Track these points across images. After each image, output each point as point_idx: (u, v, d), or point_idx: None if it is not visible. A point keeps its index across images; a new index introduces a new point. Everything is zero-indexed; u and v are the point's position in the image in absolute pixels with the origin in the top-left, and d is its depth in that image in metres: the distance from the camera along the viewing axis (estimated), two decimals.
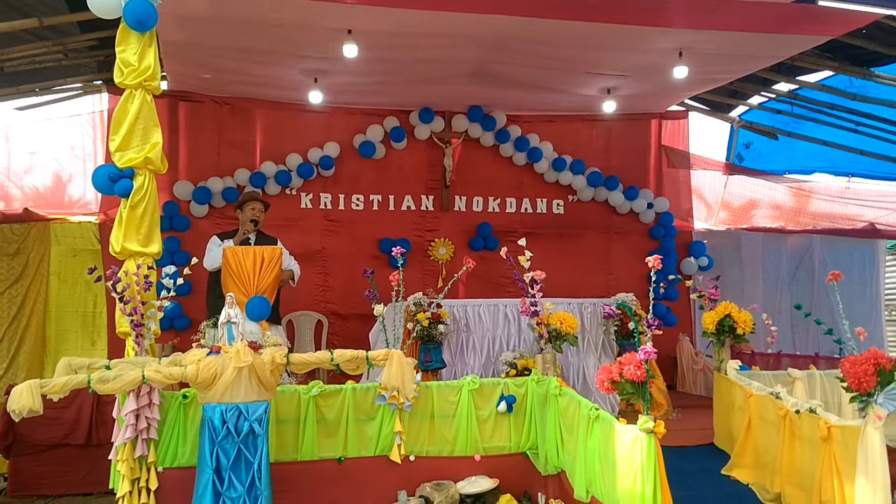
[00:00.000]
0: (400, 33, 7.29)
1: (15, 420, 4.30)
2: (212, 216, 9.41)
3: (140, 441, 4.89)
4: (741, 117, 10.98)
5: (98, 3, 5.20)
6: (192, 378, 4.63)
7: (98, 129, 9.59)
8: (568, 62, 8.34)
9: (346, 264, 9.73)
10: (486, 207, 10.43)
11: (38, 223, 8.92)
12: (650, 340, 4.27)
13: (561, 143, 10.49)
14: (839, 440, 4.55)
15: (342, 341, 9.28)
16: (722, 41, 7.44)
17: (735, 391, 5.84)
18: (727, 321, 5.99)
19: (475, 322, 7.55)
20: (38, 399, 4.25)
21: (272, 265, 5.92)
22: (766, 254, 11.13)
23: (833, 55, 8.59)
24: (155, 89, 5.31)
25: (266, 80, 8.90)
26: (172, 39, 7.19)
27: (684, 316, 10.29)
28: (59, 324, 8.90)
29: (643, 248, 10.42)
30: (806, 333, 10.79)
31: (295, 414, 5.36)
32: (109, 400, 6.74)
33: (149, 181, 5.28)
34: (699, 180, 11.33)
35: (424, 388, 5.56)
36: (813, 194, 11.60)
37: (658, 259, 4.52)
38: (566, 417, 5.16)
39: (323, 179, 9.92)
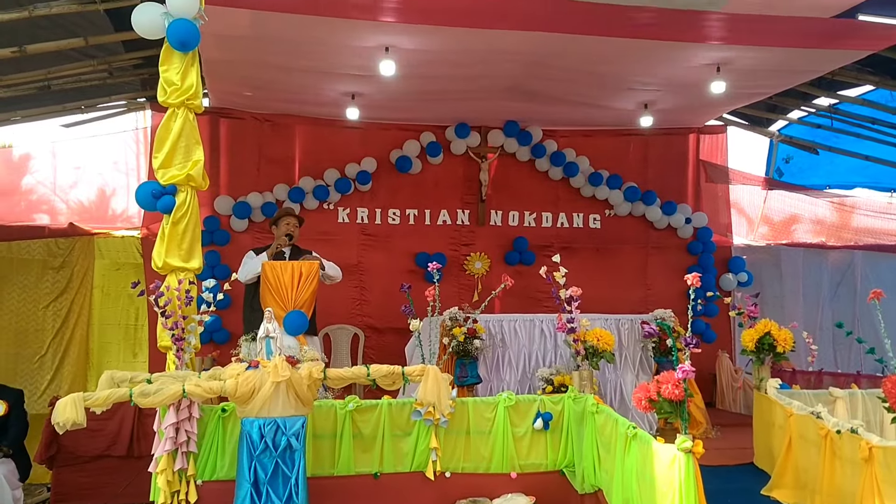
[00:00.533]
0: (437, 50, 7.35)
1: (59, 432, 4.37)
2: (251, 230, 9.54)
3: (180, 454, 4.95)
4: (780, 132, 10.86)
5: (142, 24, 5.31)
6: (231, 392, 4.68)
7: (141, 144, 9.79)
8: (605, 77, 8.33)
9: (383, 278, 9.80)
10: (522, 222, 10.43)
11: (83, 237, 9.10)
12: (688, 359, 4.23)
13: (597, 157, 10.46)
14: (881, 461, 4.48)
15: (378, 355, 9.32)
16: (761, 56, 7.38)
17: (775, 410, 5.77)
18: (767, 339, 5.93)
19: (511, 337, 7.55)
20: (81, 412, 4.33)
21: (310, 279, 5.97)
22: (806, 270, 10.96)
23: (874, 69, 8.48)
24: (197, 108, 5.41)
25: (305, 97, 9.02)
26: (214, 58, 7.32)
27: (724, 332, 10.18)
28: (102, 336, 9.07)
29: (681, 264, 10.42)
30: (848, 351, 10.59)
31: (331, 429, 5.38)
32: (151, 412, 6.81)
33: (191, 198, 5.37)
34: (738, 195, 11.22)
35: (460, 404, 5.55)
36: (855, 209, 11.44)
37: (697, 277, 4.48)
38: (603, 435, 5.13)
39: (360, 194, 10.01)
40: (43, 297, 8.90)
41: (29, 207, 9.49)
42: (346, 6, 6.39)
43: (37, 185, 9.57)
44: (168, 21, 5.19)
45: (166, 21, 5.20)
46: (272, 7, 6.33)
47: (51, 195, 9.56)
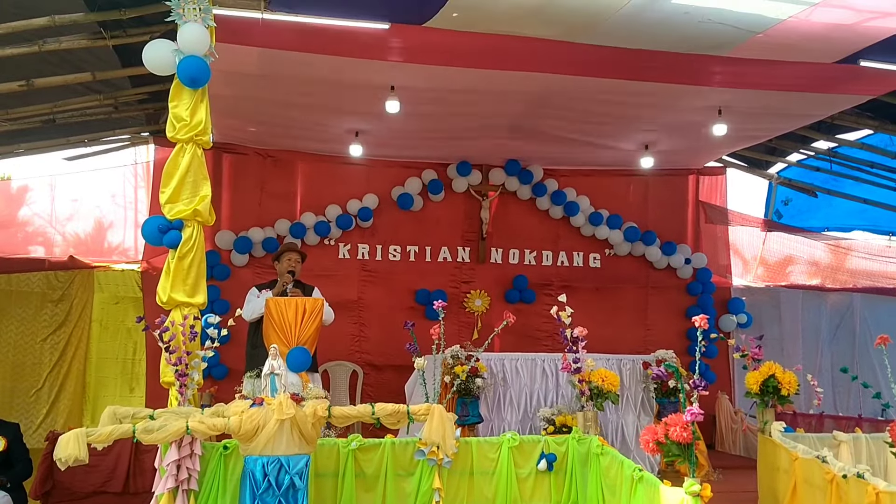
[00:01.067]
0: (442, 89, 7.43)
1: (61, 469, 4.31)
2: (252, 266, 9.54)
3: (180, 492, 4.88)
4: (779, 174, 10.96)
5: (153, 60, 5.34)
6: (235, 429, 4.63)
7: (140, 178, 9.81)
8: (607, 118, 8.42)
9: (383, 315, 9.79)
10: (523, 260, 10.45)
11: (83, 270, 9.07)
12: (696, 401, 4.22)
13: (598, 197, 10.52)
14: None
15: (377, 392, 9.28)
16: (762, 100, 7.48)
17: (780, 454, 5.72)
18: (771, 382, 5.89)
19: (512, 376, 7.49)
20: (84, 448, 4.27)
21: (314, 316, 5.94)
22: (805, 312, 10.98)
23: (873, 114, 8.59)
24: (205, 143, 5.42)
25: (309, 134, 9.08)
26: (221, 94, 7.36)
27: (723, 373, 10.18)
28: (99, 370, 9.00)
29: (681, 304, 10.45)
30: (847, 394, 10.58)
31: (334, 468, 5.32)
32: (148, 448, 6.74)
33: (197, 233, 5.36)
34: (737, 236, 11.28)
35: (464, 443, 5.50)
36: (851, 252, 11.50)
37: (704, 318, 4.48)
38: (608, 478, 5.08)
39: (361, 230, 10.03)
40: (41, 330, 8.84)
41: (25, 239, 9.49)
42: (354, 46, 6.46)
43: (33, 217, 9.58)
44: (179, 58, 5.22)
45: (177, 58, 5.23)
46: (281, 45, 6.39)
47: (47, 227, 9.56)
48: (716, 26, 5.75)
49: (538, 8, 5.66)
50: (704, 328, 4.49)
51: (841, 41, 6.07)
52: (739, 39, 6.00)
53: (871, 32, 5.92)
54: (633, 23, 5.77)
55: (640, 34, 6.01)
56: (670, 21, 5.75)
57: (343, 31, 6.14)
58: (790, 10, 5.53)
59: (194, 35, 5.22)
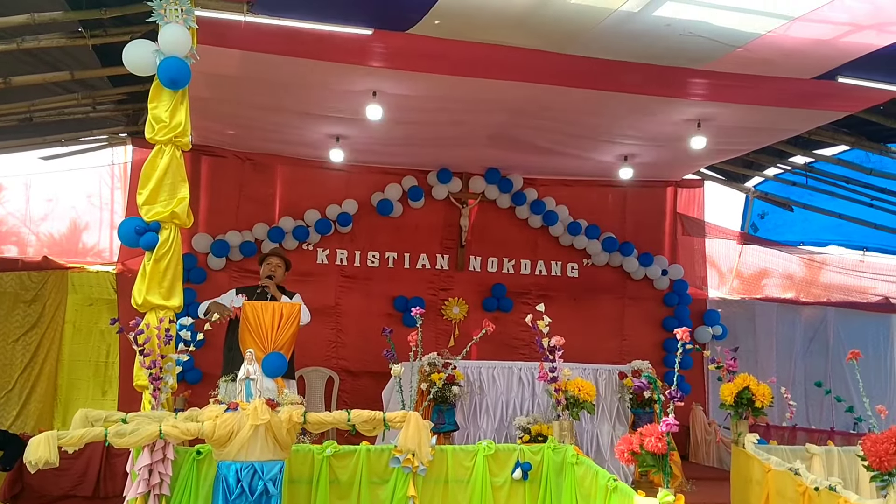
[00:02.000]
0: (424, 96, 7.43)
1: (31, 471, 4.24)
2: (229, 269, 9.47)
3: (152, 496, 4.82)
4: (756, 188, 11.06)
5: (133, 61, 5.30)
6: (209, 434, 4.58)
7: (117, 179, 9.72)
8: (587, 129, 8.46)
9: (360, 321, 9.76)
10: (501, 268, 10.46)
11: (57, 271, 8.97)
12: (672, 412, 4.24)
13: (577, 207, 10.57)
14: None
15: (353, 399, 9.24)
16: (741, 114, 7.55)
17: (753, 465, 5.76)
18: (746, 394, 5.93)
19: (489, 384, 7.49)
20: (55, 451, 4.21)
21: (290, 321, 5.90)
22: (780, 325, 11.09)
23: (850, 130, 8.69)
24: (185, 145, 5.37)
25: (289, 138, 9.04)
26: (201, 96, 7.31)
27: (698, 385, 10.21)
28: (71, 373, 8.87)
29: (657, 315, 10.52)
30: (820, 407, 10.69)
31: (308, 474, 5.27)
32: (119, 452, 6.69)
33: (174, 235, 5.31)
34: (713, 249, 11.38)
35: (439, 451, 5.47)
36: (825, 266, 11.63)
37: (686, 331, 4.50)
38: (583, 487, 5.09)
39: (340, 235, 9.99)
40: (13, 331, 8.73)
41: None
42: (337, 50, 6.45)
43: (7, 216, 9.48)
44: (159, 59, 5.19)
45: (158, 58, 5.19)
46: (263, 48, 6.37)
47: (21, 227, 9.47)
48: (696, 39, 5.80)
49: (521, 18, 5.69)
50: (686, 340, 4.51)
51: (819, 57, 6.14)
52: (719, 53, 6.06)
53: (849, 48, 5.99)
54: (615, 34, 5.81)
55: (621, 46, 6.05)
56: (652, 33, 5.79)
57: (326, 36, 6.13)
58: (769, 25, 5.59)
59: (176, 36, 5.19)
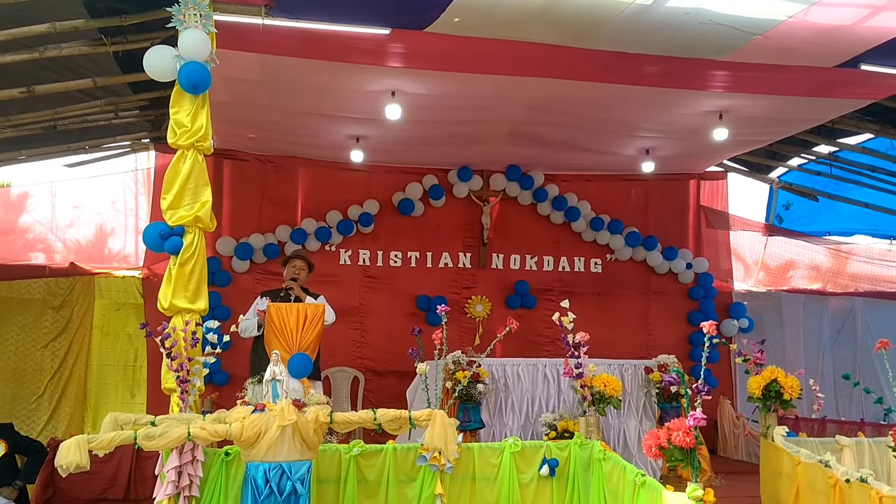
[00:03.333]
0: (443, 95, 7.43)
1: (62, 475, 4.30)
2: (253, 272, 9.53)
3: (182, 498, 4.87)
4: (780, 178, 10.96)
5: (154, 67, 5.35)
6: (237, 436, 4.62)
7: (140, 184, 9.80)
8: (608, 123, 8.42)
9: (384, 321, 9.79)
10: (524, 265, 10.43)
11: (84, 277, 9.07)
12: (700, 406, 4.21)
13: (599, 202, 10.52)
14: None
15: (378, 398, 9.26)
16: (764, 104, 7.48)
17: (782, 458, 5.70)
18: (774, 386, 5.88)
19: (514, 382, 7.49)
20: (85, 455, 4.26)
21: (315, 322, 5.92)
22: (807, 316, 10.97)
23: (874, 118, 8.58)
24: (206, 149, 5.42)
25: (309, 140, 9.08)
26: (222, 100, 7.36)
27: (725, 378, 10.15)
28: (101, 377, 8.97)
29: (682, 309, 10.45)
30: (849, 398, 10.56)
31: (336, 473, 5.30)
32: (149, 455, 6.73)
33: (198, 239, 5.36)
34: (738, 241, 11.26)
35: (466, 449, 5.48)
36: (852, 255, 11.48)
37: (713, 324, 4.47)
38: (611, 483, 5.06)
39: (362, 236, 10.01)
40: (42, 337, 8.82)
41: (25, 246, 9.47)
42: (355, 51, 6.47)
43: (34, 224, 9.56)
44: (180, 64, 5.23)
45: (178, 64, 5.24)
46: (281, 52, 6.40)
47: (48, 234, 9.54)
48: (716, 28, 5.75)
49: (539, 12, 5.67)
50: (713, 334, 4.49)
51: (841, 44, 6.07)
52: (740, 42, 6.00)
53: (870, 35, 5.92)
54: (634, 26, 5.77)
55: (641, 38, 6.02)
56: (671, 23, 5.74)
57: (343, 37, 6.15)
58: (788, 10, 5.51)
59: (195, 41, 5.23)
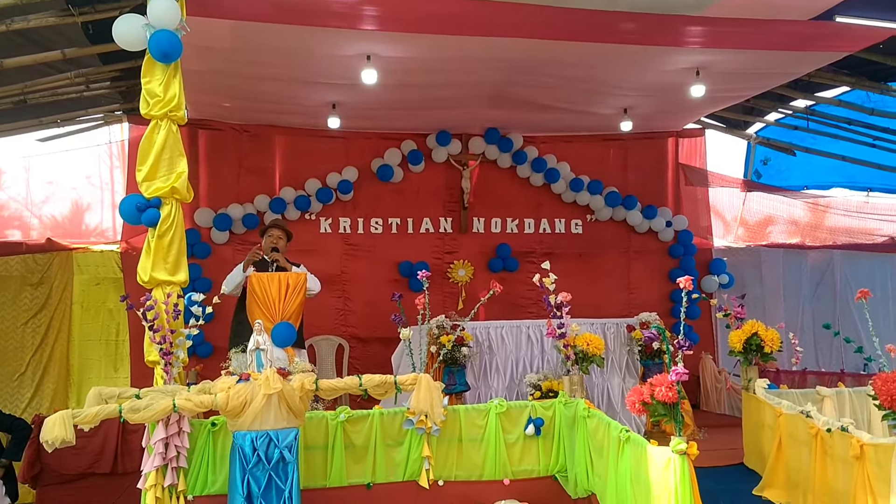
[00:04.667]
0: (418, 58, 7.34)
1: (48, 451, 4.30)
2: (232, 242, 9.47)
3: (169, 469, 4.88)
4: (758, 134, 10.98)
5: (124, 36, 5.26)
6: (223, 406, 4.63)
7: (115, 157, 9.69)
8: (585, 83, 8.37)
9: (366, 288, 9.79)
10: (505, 228, 10.44)
11: (61, 252, 8.98)
12: (681, 361, 4.25)
13: (578, 163, 10.50)
14: (872, 458, 4.51)
15: (363, 365, 9.29)
16: (740, 59, 7.45)
17: (764, 410, 5.80)
18: (754, 340, 5.95)
19: (498, 344, 7.53)
20: (70, 429, 4.26)
21: (297, 291, 5.92)
22: (786, 270, 11.07)
23: (850, 71, 8.58)
24: (180, 119, 5.36)
25: (285, 107, 8.97)
26: (194, 69, 7.24)
27: (706, 334, 10.27)
28: (83, 352, 8.92)
29: (663, 267, 10.52)
30: (829, 350, 10.71)
31: (323, 440, 5.34)
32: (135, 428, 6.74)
33: (175, 210, 5.32)
34: (717, 198, 11.31)
35: (452, 411, 5.53)
36: (830, 209, 11.57)
37: (689, 280, 4.51)
38: (595, 440, 5.13)
39: (342, 204, 9.96)
40: (22, 314, 8.76)
41: (1, 223, 9.39)
42: (327, 15, 6.37)
43: (9, 201, 9.48)
44: (150, 32, 5.15)
45: (148, 32, 5.16)
46: (253, 17, 6.28)
47: (23, 210, 9.45)
48: None
49: None
50: (689, 289, 4.53)
51: None
52: None
53: None
54: None
55: None
56: None
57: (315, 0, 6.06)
58: None
59: (165, 8, 5.15)
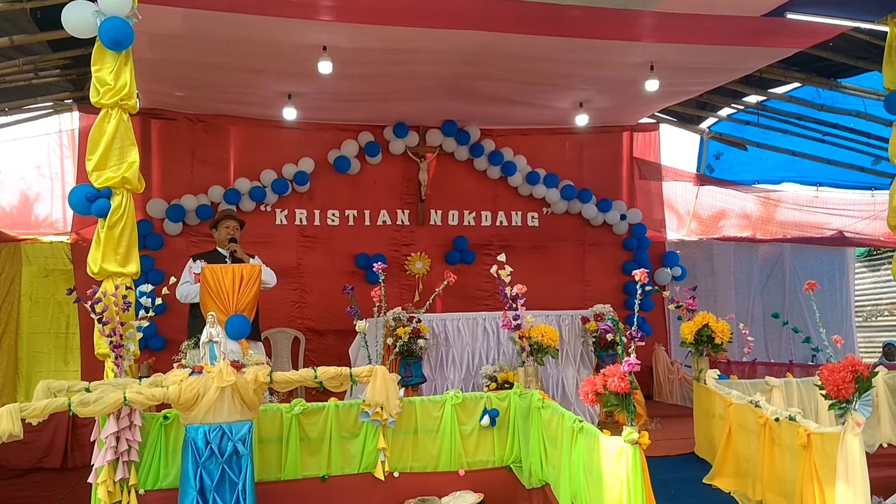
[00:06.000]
0: (375, 49, 7.32)
1: None
2: (186, 234, 9.35)
3: (121, 463, 4.81)
4: (711, 129, 11.13)
5: (73, 23, 5.15)
6: (175, 399, 4.57)
7: (66, 147, 9.49)
8: (541, 76, 8.42)
9: (323, 280, 9.74)
10: (462, 221, 10.46)
11: (9, 244, 8.78)
12: (634, 352, 4.30)
13: (534, 156, 10.56)
14: (819, 447, 4.61)
15: (319, 358, 9.24)
16: (692, 54, 7.56)
17: (715, 400, 5.90)
18: (705, 331, 6.05)
19: (454, 336, 7.54)
20: (18, 423, 4.17)
21: (251, 283, 5.86)
22: (737, 263, 11.28)
23: (800, 67, 8.76)
24: (131, 108, 5.27)
25: (239, 98, 8.88)
26: (145, 57, 7.13)
27: (659, 326, 10.42)
28: (32, 345, 8.74)
29: (617, 260, 10.65)
30: (779, 341, 10.95)
31: (277, 433, 5.30)
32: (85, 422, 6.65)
33: (126, 201, 5.23)
34: (670, 191, 11.47)
35: (407, 403, 5.53)
36: (781, 203, 11.80)
37: (644, 272, 4.56)
38: (550, 430, 5.16)
39: (298, 195, 9.90)
40: None
41: None
42: (283, 4, 6.31)
43: None
44: (100, 20, 5.05)
45: (98, 20, 5.05)
46: (206, 5, 6.21)
47: None
48: None
49: None
50: (644, 282, 4.58)
51: None
52: None
53: None
54: None
55: None
56: None
57: None
58: None
59: None
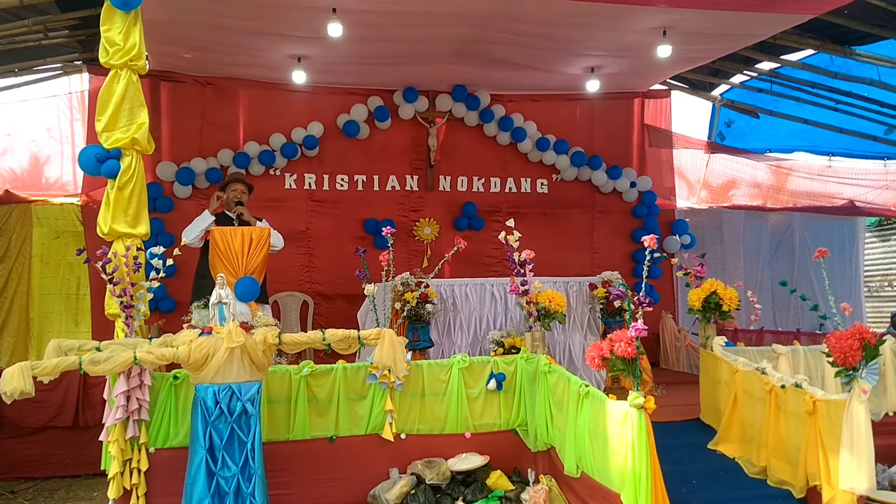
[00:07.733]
0: (386, 11, 7.24)
1: (6, 402, 4.27)
2: (195, 197, 9.34)
3: (131, 422, 4.88)
4: (723, 96, 11.02)
5: None
6: (185, 359, 4.62)
7: (76, 109, 9.49)
8: (552, 41, 8.33)
9: (331, 245, 9.76)
10: (471, 187, 10.44)
11: (20, 205, 8.82)
12: (641, 318, 4.31)
13: (545, 122, 10.49)
14: (824, 414, 4.65)
15: (328, 321, 9.27)
16: (705, 20, 7.46)
17: (721, 367, 5.92)
18: (713, 298, 6.06)
19: (462, 301, 7.56)
20: (29, 381, 4.23)
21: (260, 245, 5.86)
22: (747, 231, 11.24)
23: (814, 34, 8.64)
24: (140, 69, 5.27)
25: (249, 61, 8.82)
26: (154, 18, 7.08)
27: (667, 293, 10.41)
28: (43, 306, 8.81)
29: (626, 227, 10.62)
30: (787, 309, 10.95)
31: (286, 394, 5.37)
32: (96, 382, 6.73)
33: (136, 162, 5.25)
34: (681, 159, 11.39)
35: (415, 366, 5.58)
36: (792, 172, 11.72)
37: (654, 238, 4.56)
38: (556, 394, 5.21)
39: (307, 160, 9.87)
40: None
41: None
42: None
43: None
44: None
45: None
46: None
47: None
48: None
49: None
50: (653, 248, 4.58)
51: None
52: None
53: None
54: None
55: None
56: None
57: None
58: None
59: None
